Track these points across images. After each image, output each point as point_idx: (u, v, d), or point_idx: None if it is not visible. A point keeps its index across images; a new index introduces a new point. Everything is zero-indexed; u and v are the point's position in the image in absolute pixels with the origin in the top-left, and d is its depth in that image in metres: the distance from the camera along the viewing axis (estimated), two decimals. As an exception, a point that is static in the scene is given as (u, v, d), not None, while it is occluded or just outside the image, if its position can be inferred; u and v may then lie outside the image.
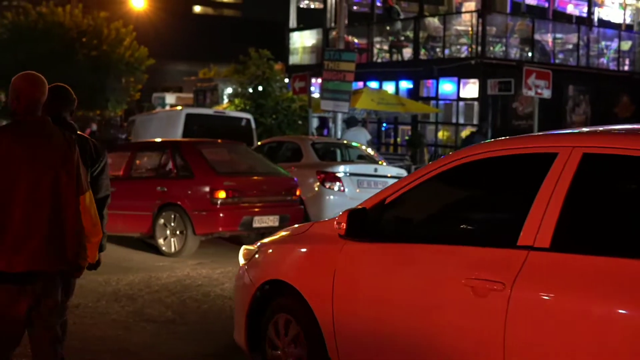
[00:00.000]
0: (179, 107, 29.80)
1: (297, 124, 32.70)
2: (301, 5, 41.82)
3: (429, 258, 5.91)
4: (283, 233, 7.80)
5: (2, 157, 5.71)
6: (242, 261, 7.93)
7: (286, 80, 36.28)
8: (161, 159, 16.32)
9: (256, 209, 15.42)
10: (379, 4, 37.54)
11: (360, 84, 31.35)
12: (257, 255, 7.63)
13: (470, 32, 32.25)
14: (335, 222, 6.60)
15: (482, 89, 30.84)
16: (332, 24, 36.55)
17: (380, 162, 19.63)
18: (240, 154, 17.58)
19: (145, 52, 50.14)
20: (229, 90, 43.53)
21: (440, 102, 33.66)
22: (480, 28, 31.41)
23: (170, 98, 54.62)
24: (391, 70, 34.21)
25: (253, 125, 25.75)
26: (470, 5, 35.75)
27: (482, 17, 31.49)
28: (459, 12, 35.68)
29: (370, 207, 6.40)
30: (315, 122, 30.92)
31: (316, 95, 29.29)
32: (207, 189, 15.04)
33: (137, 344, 9.31)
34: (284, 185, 16.26)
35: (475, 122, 31.50)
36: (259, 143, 22.90)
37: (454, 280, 5.51)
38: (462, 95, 32.92)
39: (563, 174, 5.24)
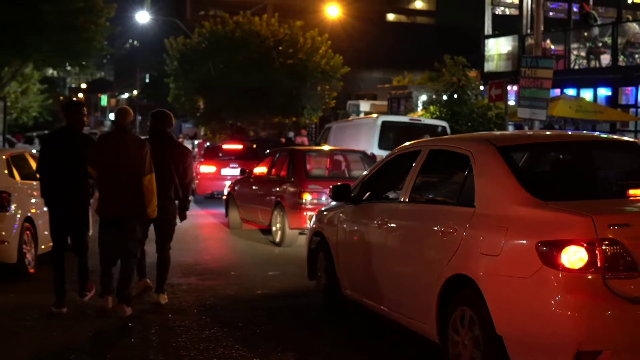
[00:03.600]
0: (375, 115, 29.99)
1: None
2: (496, 12, 41.45)
3: (367, 211, 10.17)
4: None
5: (100, 152, 11.06)
6: (309, 223, 13.60)
7: (481, 87, 36.02)
8: (283, 163, 19.17)
9: None
10: (575, 9, 36.85)
11: (557, 91, 30.87)
12: (313, 218, 12.34)
13: (672, 38, 31.30)
14: (328, 191, 11.55)
15: (684, 96, 29.90)
16: (528, 30, 36.10)
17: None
18: (356, 161, 19.72)
19: (340, 60, 50.60)
20: (424, 97, 43.54)
21: (640, 110, 32.77)
22: (682, 33, 30.46)
23: (364, 105, 54.95)
24: (589, 77, 33.54)
25: (449, 132, 25.72)
26: (672, 10, 34.68)
27: (685, 22, 30.52)
28: (659, 17, 34.67)
29: (355, 184, 10.93)
30: (511, 130, 30.57)
31: (512, 102, 28.97)
32: (297, 190, 17.71)
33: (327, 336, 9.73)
34: None
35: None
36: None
37: (375, 222, 9.71)
38: (662, 102, 31.98)
39: (420, 161, 9.27)
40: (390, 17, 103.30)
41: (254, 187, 20.30)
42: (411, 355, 9.31)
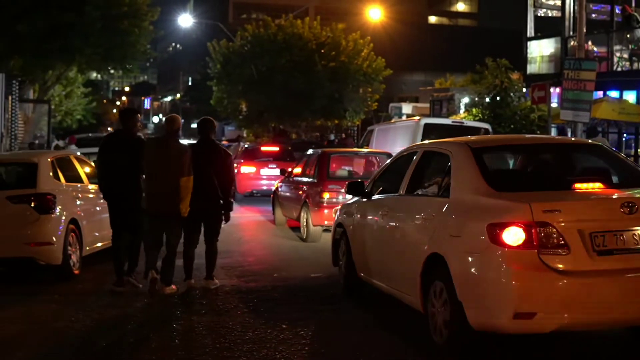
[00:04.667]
0: (417, 117, 29.86)
1: (535, 134, 32.24)
2: (538, 14, 41.18)
3: (374, 204, 11.83)
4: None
5: (149, 155, 12.47)
6: (334, 216, 14.51)
7: (524, 89, 35.81)
8: (313, 164, 20.34)
9: None
10: (618, 11, 36.56)
11: (600, 93, 30.64)
12: (338, 212, 13.88)
13: None
14: (344, 188, 13.81)
15: None
16: (571, 32, 35.86)
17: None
18: (383, 162, 19.58)
19: (383, 62, 50.54)
20: (466, 99, 43.37)
21: (684, 112, 32.37)
22: None
23: (406, 108, 54.72)
24: (632, 79, 33.26)
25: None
26: None
27: None
28: (702, 19, 34.26)
29: (369, 181, 12.65)
30: (553, 132, 30.37)
31: (554, 104, 28.78)
32: (319, 189, 18.99)
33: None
34: None
35: None
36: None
37: (379, 213, 11.41)
38: None
39: (416, 160, 10.86)
40: (432, 19, 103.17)
41: (291, 187, 21.74)
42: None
